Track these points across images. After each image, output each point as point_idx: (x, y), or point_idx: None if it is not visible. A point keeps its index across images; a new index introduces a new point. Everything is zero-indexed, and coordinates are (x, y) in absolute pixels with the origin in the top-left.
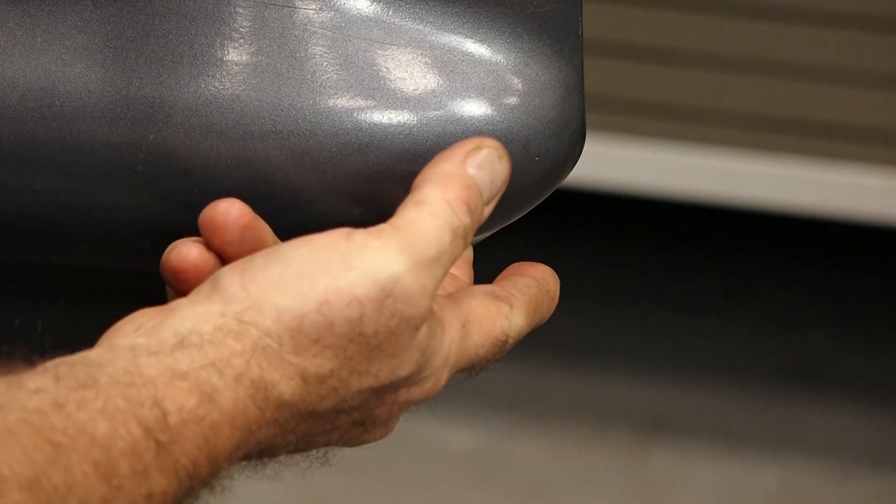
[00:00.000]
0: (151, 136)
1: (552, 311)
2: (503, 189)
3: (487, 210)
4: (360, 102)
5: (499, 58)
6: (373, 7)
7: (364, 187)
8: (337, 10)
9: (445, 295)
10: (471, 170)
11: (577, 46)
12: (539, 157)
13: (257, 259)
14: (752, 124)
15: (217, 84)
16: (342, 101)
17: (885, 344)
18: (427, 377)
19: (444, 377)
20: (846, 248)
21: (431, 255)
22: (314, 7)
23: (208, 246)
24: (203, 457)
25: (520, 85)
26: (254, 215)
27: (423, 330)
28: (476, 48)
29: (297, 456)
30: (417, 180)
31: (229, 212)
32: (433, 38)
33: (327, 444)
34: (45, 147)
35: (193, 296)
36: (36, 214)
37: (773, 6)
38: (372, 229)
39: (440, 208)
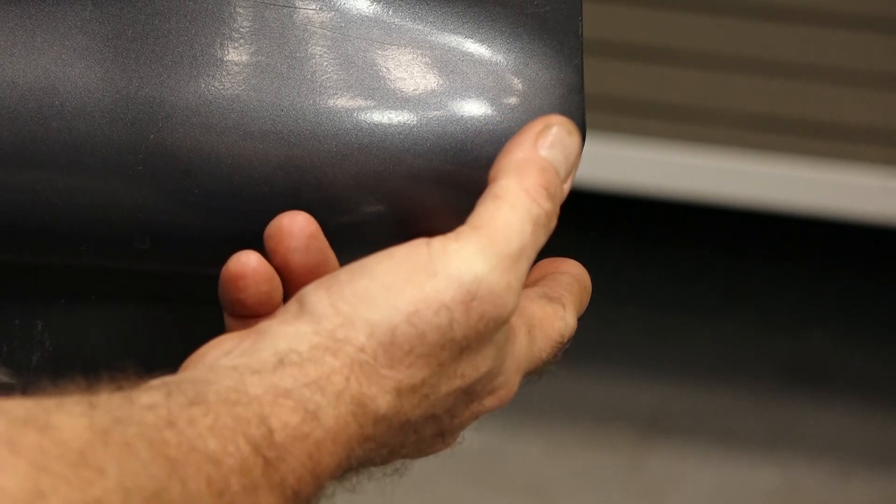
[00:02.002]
0: (151, 136)
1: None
2: (577, 164)
3: (566, 187)
4: (360, 102)
5: (499, 58)
6: (373, 7)
7: (364, 187)
8: (337, 10)
9: None
10: (543, 151)
11: (577, 46)
12: None
13: (341, 275)
14: (752, 124)
15: (217, 84)
16: (342, 102)
17: (885, 344)
18: (501, 384)
19: (516, 383)
20: (846, 248)
21: (514, 250)
22: (314, 7)
23: (270, 256)
24: (308, 474)
25: (520, 85)
26: (318, 227)
27: (502, 328)
28: (476, 48)
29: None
30: (492, 172)
31: (295, 220)
32: (433, 38)
33: (407, 456)
34: (45, 147)
35: (281, 316)
36: (36, 214)
37: (773, 6)
38: (450, 233)
39: (519, 199)
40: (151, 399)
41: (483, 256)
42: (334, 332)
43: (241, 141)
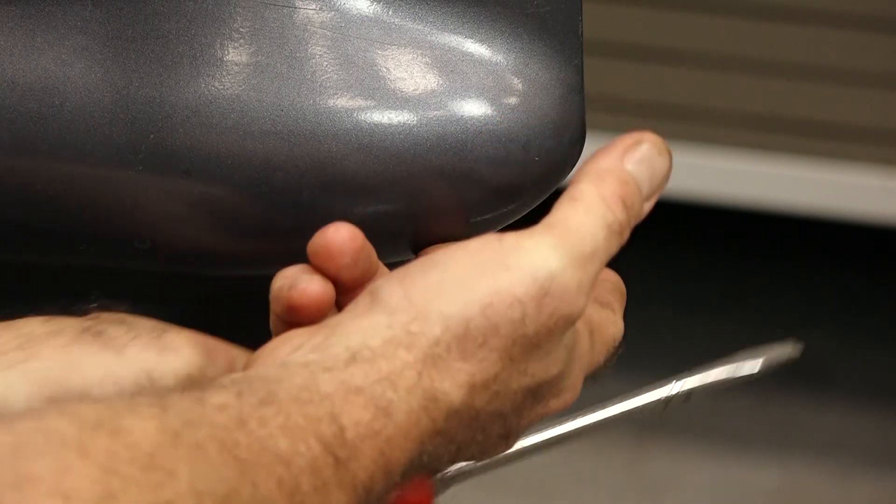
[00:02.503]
0: (151, 136)
1: None
2: (665, 184)
3: (648, 206)
4: (360, 102)
5: (499, 58)
6: (373, 7)
7: (364, 187)
8: (337, 10)
9: None
10: (629, 165)
11: (577, 46)
12: (539, 157)
13: (413, 268)
14: (752, 124)
15: (217, 84)
16: (342, 101)
17: (885, 344)
18: (567, 387)
19: (580, 385)
20: (846, 248)
21: (587, 251)
22: (314, 7)
23: (320, 272)
24: (379, 471)
25: (520, 85)
26: (363, 237)
27: (570, 330)
28: (476, 48)
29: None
30: (575, 176)
31: (340, 236)
32: (433, 38)
33: (472, 456)
34: (45, 147)
35: (352, 309)
36: (36, 214)
37: (773, 6)
38: (525, 230)
39: (595, 204)
40: (222, 399)
41: (556, 253)
42: (408, 326)
43: (241, 141)
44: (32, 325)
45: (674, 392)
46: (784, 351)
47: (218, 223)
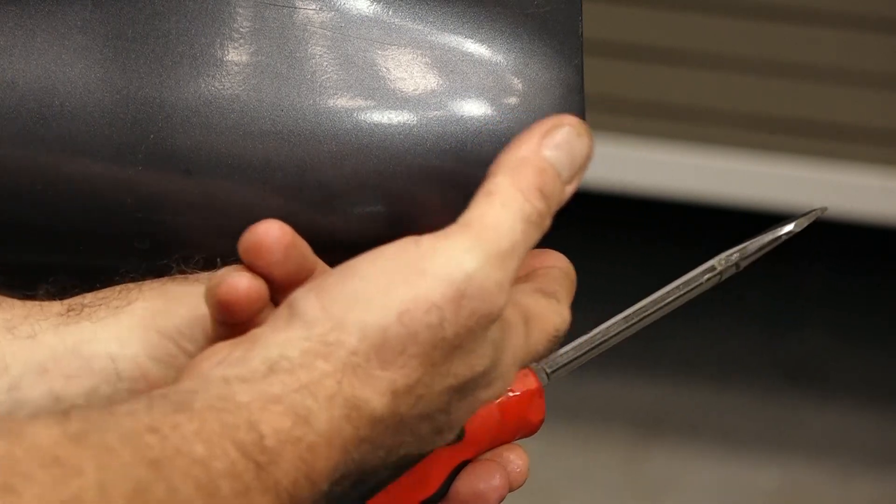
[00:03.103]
0: (151, 136)
1: None
2: (586, 165)
3: (570, 189)
4: (360, 102)
5: (499, 58)
6: (373, 7)
7: (364, 187)
8: (337, 10)
9: None
10: (546, 151)
11: (577, 46)
12: None
13: (330, 278)
14: (752, 124)
15: (217, 84)
16: (342, 102)
17: (885, 344)
18: (498, 377)
19: (512, 376)
20: (846, 248)
21: (504, 247)
22: (314, 7)
23: (252, 270)
24: (302, 477)
25: (520, 85)
26: (293, 232)
27: (496, 325)
28: (476, 48)
29: None
30: (491, 167)
31: (270, 232)
32: (433, 38)
33: (408, 454)
34: (45, 147)
35: (272, 322)
36: (36, 214)
37: (773, 6)
38: (440, 231)
39: (511, 197)
40: (131, 407)
41: (472, 254)
42: (325, 337)
43: (241, 141)
44: (123, 285)
45: (723, 266)
46: (813, 211)
47: (218, 223)
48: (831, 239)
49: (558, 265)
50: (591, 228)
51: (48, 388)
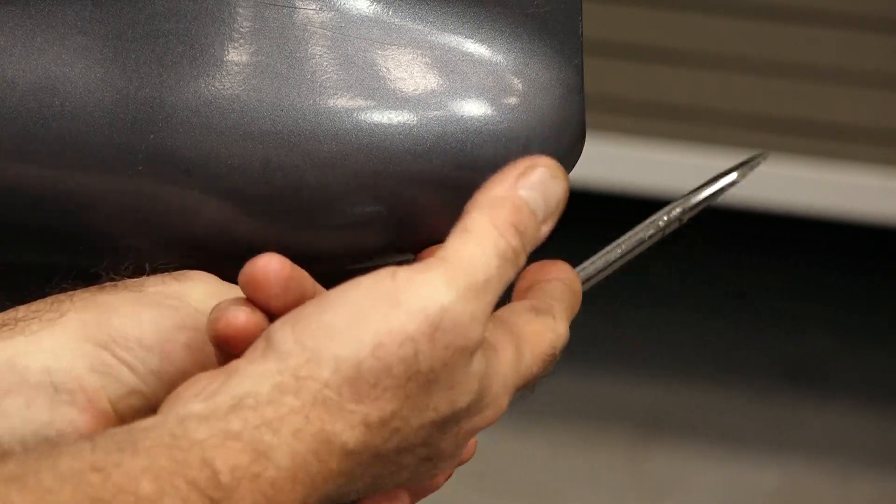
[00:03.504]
0: (151, 136)
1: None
2: (562, 206)
3: (545, 229)
4: (360, 102)
5: (499, 58)
6: (373, 7)
7: (364, 187)
8: (337, 10)
9: (490, 317)
10: (522, 191)
11: (577, 46)
12: None
13: (306, 310)
14: (752, 124)
15: (217, 84)
16: (342, 102)
17: (885, 344)
18: (487, 405)
19: (504, 402)
20: (846, 248)
21: (479, 281)
22: (314, 7)
23: (252, 302)
24: None
25: (520, 85)
26: (293, 265)
27: (478, 357)
28: (476, 48)
29: None
30: (468, 206)
31: (270, 266)
32: (433, 38)
33: (398, 484)
34: (45, 147)
35: (249, 354)
36: (36, 214)
37: (773, 6)
38: (417, 264)
39: (486, 233)
40: (76, 448)
41: (448, 287)
42: (298, 370)
43: (241, 141)
44: (55, 296)
45: (666, 218)
46: (755, 159)
47: (218, 223)
48: (831, 239)
49: (560, 277)
50: (591, 228)
51: None
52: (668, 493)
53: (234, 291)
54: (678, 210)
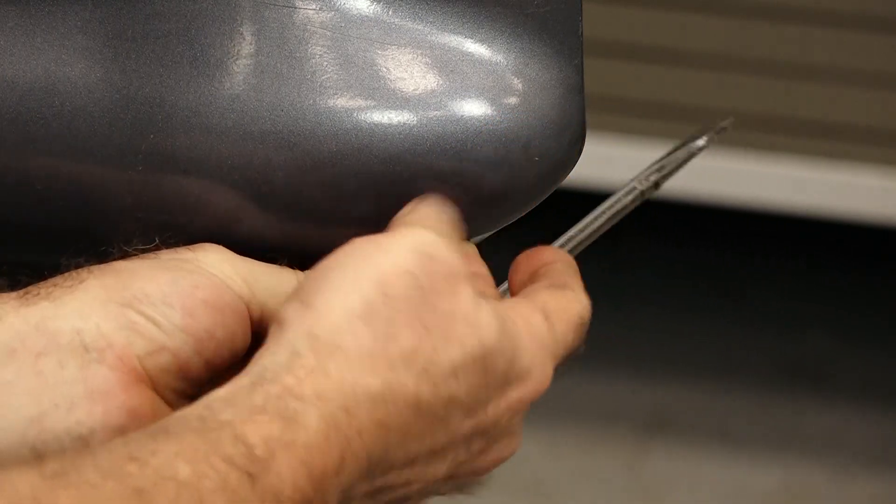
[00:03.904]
0: (151, 136)
1: None
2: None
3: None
4: (360, 102)
5: (499, 58)
6: (373, 7)
7: (364, 187)
8: (337, 10)
9: (511, 298)
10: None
11: (577, 46)
12: (539, 157)
13: (308, 280)
14: (752, 124)
15: (217, 84)
16: (342, 102)
17: (885, 344)
18: (528, 369)
19: (548, 368)
20: (846, 248)
21: (445, 227)
22: (314, 7)
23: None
24: (304, 479)
25: (520, 85)
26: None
27: (471, 291)
28: (476, 48)
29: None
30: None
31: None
32: (433, 38)
33: (456, 470)
34: (45, 147)
35: (267, 339)
36: (36, 214)
37: (773, 6)
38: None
39: (433, 202)
40: (109, 445)
41: (425, 232)
42: (310, 329)
43: (241, 141)
44: (69, 271)
45: (644, 185)
46: (723, 123)
47: (218, 223)
48: (831, 239)
49: (559, 259)
50: None
51: (18, 368)
52: (668, 493)
53: (244, 262)
54: (655, 175)
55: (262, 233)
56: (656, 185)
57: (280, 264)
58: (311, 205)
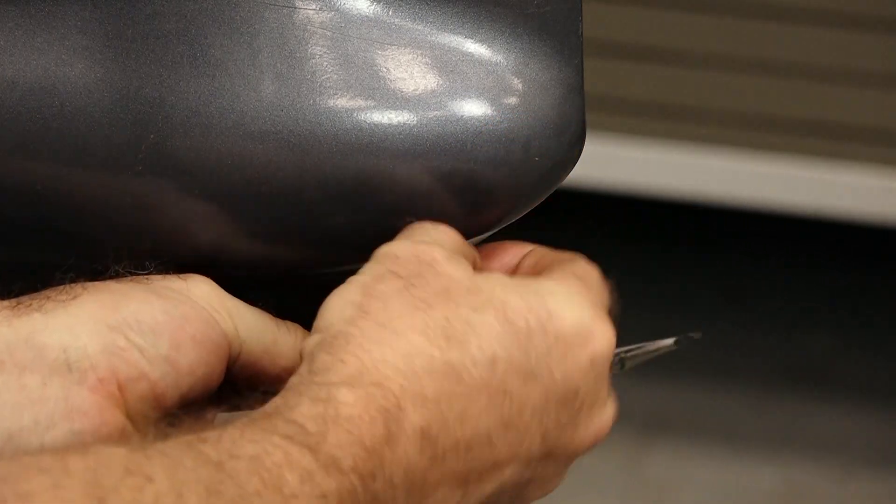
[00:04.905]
0: (151, 136)
1: None
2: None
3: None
4: (360, 102)
5: (499, 58)
6: (373, 7)
7: (364, 187)
8: (337, 10)
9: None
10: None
11: (577, 46)
12: (539, 157)
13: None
14: (752, 124)
15: (217, 84)
16: (342, 101)
17: (885, 344)
18: (581, 327)
19: (606, 321)
20: (846, 248)
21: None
22: (314, 7)
23: None
24: (357, 448)
25: (520, 85)
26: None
27: (462, 261)
28: (476, 48)
29: None
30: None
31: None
32: (433, 38)
33: (552, 446)
34: (45, 147)
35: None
36: (36, 214)
37: (773, 6)
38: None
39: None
40: (172, 438)
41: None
42: (320, 340)
43: (241, 141)
44: (64, 285)
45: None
46: (694, 335)
47: (218, 223)
48: (831, 239)
49: (529, 249)
50: (592, 228)
51: (5, 380)
52: (668, 493)
53: (231, 299)
54: (620, 355)
55: (262, 232)
56: (622, 362)
57: (261, 307)
58: (311, 205)
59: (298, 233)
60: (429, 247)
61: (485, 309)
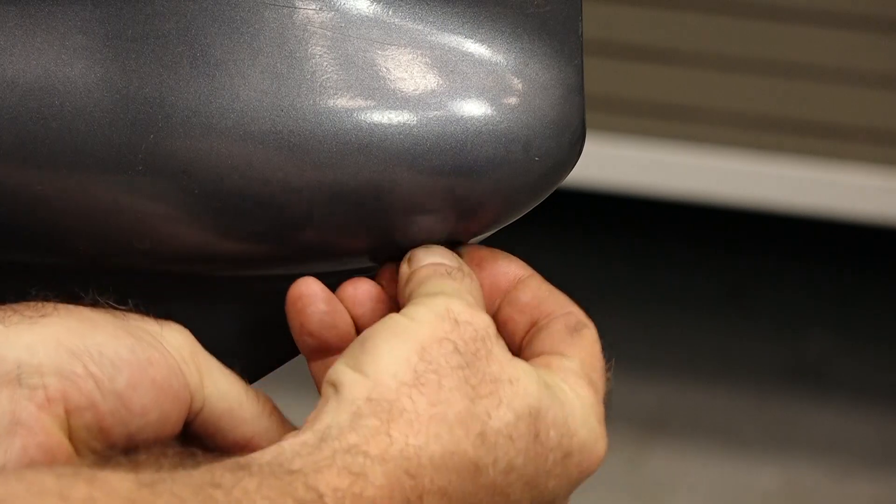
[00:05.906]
0: (151, 136)
1: None
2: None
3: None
4: (360, 102)
5: (499, 58)
6: (373, 7)
7: (364, 187)
8: (337, 10)
9: (544, 359)
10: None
11: (577, 46)
12: (539, 157)
13: (355, 346)
14: (752, 124)
15: (217, 84)
16: (342, 101)
17: (885, 344)
18: (585, 441)
19: (603, 434)
20: (846, 248)
21: (453, 290)
22: (314, 7)
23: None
24: None
25: (520, 85)
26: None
27: (499, 341)
28: (476, 48)
29: None
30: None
31: (311, 286)
32: (433, 38)
33: None
34: (45, 147)
35: (321, 402)
36: (36, 214)
37: (773, 6)
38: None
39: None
40: (190, 471)
41: (443, 296)
42: (369, 394)
43: (241, 141)
44: (37, 302)
45: None
46: None
47: (218, 223)
48: (831, 239)
49: (528, 274)
50: (591, 228)
51: None
52: (668, 493)
53: (204, 354)
54: None
55: (262, 232)
56: None
57: (235, 371)
58: (310, 205)
59: (299, 233)
60: (482, 316)
61: (521, 416)
